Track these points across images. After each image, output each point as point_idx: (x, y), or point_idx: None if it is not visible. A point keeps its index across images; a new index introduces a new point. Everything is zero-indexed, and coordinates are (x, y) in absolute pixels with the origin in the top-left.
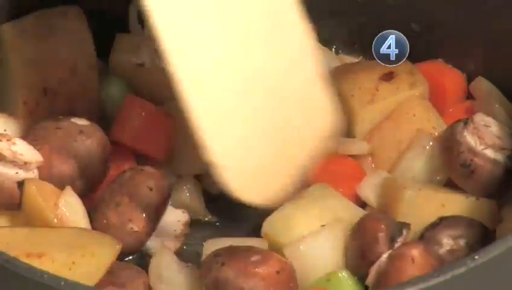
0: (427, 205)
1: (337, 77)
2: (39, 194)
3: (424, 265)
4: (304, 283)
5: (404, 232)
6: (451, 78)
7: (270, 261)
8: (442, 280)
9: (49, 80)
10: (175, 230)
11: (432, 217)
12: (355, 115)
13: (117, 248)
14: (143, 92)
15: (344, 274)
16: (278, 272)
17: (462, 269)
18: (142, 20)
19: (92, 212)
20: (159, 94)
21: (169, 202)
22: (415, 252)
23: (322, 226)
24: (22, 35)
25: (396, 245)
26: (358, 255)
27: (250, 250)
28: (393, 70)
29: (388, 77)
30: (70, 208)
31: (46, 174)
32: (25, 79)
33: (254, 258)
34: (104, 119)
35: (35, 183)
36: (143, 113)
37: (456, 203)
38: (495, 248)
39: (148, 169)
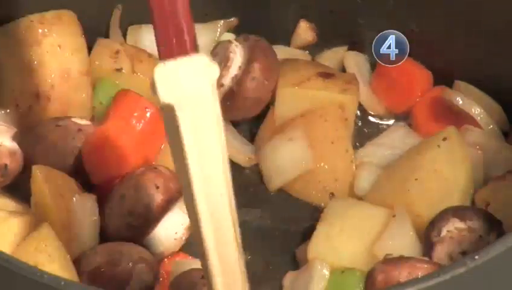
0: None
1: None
2: (45, 180)
3: None
4: None
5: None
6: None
7: None
8: (442, 280)
9: (42, 84)
10: (176, 233)
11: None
12: (277, 92)
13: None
14: None
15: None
16: None
17: (461, 269)
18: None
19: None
20: None
21: (177, 204)
22: None
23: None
24: (16, 39)
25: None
26: None
27: None
28: (335, 74)
29: (326, 75)
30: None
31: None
32: (17, 83)
33: None
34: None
35: (41, 169)
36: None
37: None
38: (495, 248)
39: (161, 168)
